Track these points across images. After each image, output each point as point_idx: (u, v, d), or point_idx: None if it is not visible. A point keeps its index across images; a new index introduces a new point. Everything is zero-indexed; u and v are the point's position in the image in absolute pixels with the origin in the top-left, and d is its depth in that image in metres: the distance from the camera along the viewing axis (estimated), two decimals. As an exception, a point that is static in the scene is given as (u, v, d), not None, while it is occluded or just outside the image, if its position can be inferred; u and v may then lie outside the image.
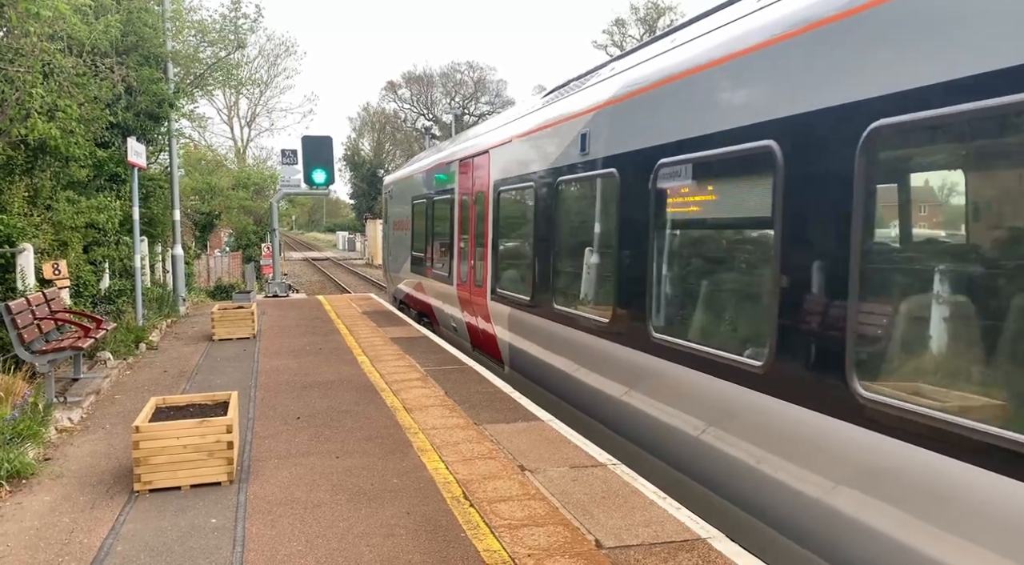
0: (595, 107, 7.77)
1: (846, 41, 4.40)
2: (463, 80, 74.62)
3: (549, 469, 6.05)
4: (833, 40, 4.51)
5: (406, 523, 5.06)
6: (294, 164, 25.07)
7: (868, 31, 4.25)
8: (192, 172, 28.98)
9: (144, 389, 9.05)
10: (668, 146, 6.23)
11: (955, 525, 3.57)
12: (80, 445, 6.95)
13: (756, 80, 5.24)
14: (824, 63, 4.59)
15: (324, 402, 8.37)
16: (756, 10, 5.44)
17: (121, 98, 13.98)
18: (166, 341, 12.88)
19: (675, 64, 6.34)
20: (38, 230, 10.82)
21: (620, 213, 7.07)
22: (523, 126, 10.12)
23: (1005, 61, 3.41)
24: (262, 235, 32.10)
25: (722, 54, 5.64)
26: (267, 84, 52.02)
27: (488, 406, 8.09)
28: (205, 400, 6.65)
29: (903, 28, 4.02)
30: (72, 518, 5.24)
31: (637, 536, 4.78)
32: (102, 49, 12.60)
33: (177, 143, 17.56)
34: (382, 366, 10.35)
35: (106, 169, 14.06)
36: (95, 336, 9.18)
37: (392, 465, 6.23)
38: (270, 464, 6.30)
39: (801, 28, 4.80)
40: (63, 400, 8.17)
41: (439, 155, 15.46)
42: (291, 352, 11.58)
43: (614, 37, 59.16)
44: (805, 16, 4.78)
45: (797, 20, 4.86)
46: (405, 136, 76.48)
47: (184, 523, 5.12)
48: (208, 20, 17.36)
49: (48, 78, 10.18)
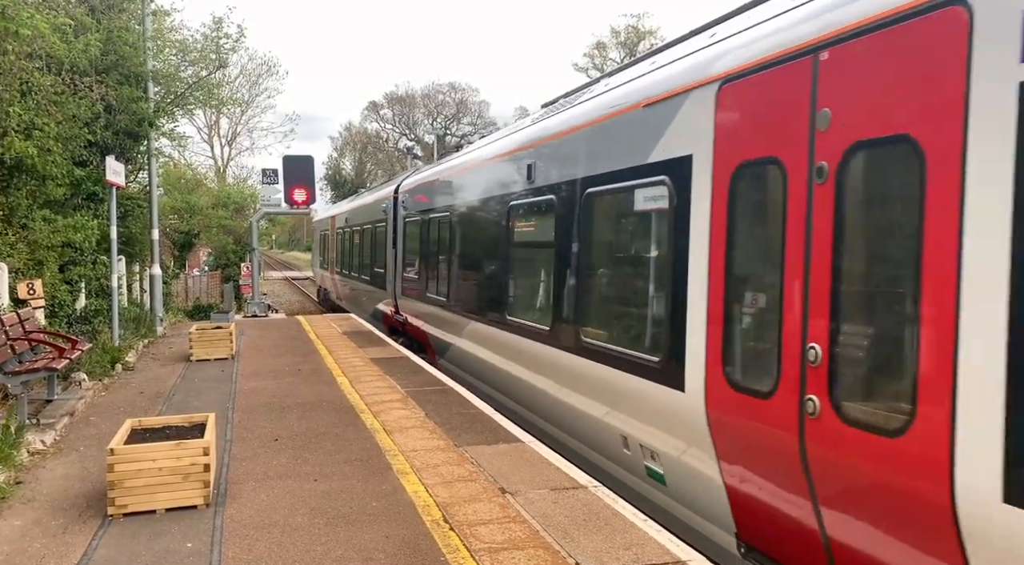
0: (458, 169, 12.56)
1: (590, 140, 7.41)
2: (445, 101, 74.98)
3: (530, 491, 6.02)
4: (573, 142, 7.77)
5: (385, 547, 5.01)
6: (275, 183, 25.02)
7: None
8: (172, 191, 28.80)
9: (120, 411, 8.92)
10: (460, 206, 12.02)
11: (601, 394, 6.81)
12: (53, 468, 6.82)
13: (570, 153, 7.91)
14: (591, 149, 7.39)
15: (303, 424, 8.29)
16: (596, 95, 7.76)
17: (100, 117, 13.91)
18: (143, 362, 12.73)
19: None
20: (13, 249, 10.70)
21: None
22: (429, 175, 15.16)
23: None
24: (242, 254, 31.88)
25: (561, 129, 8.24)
26: (248, 104, 51.90)
27: (469, 428, 8.06)
28: (182, 422, 6.56)
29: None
30: (43, 544, 5.13)
31: (618, 559, 4.76)
32: (81, 68, 12.56)
33: (157, 162, 17.46)
34: (362, 387, 10.28)
35: (84, 188, 13.95)
36: (70, 357, 9.05)
37: (371, 488, 6.18)
38: (247, 487, 6.22)
39: (574, 128, 7.73)
40: (36, 422, 8.03)
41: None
42: (270, 373, 11.47)
43: (595, 60, 59.87)
44: (583, 120, 7.57)
45: (583, 121, 7.59)
46: (387, 156, 76.59)
47: (159, 548, 5.03)
48: (190, 39, 17.34)
49: (26, 96, 10.13)
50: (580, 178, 7.40)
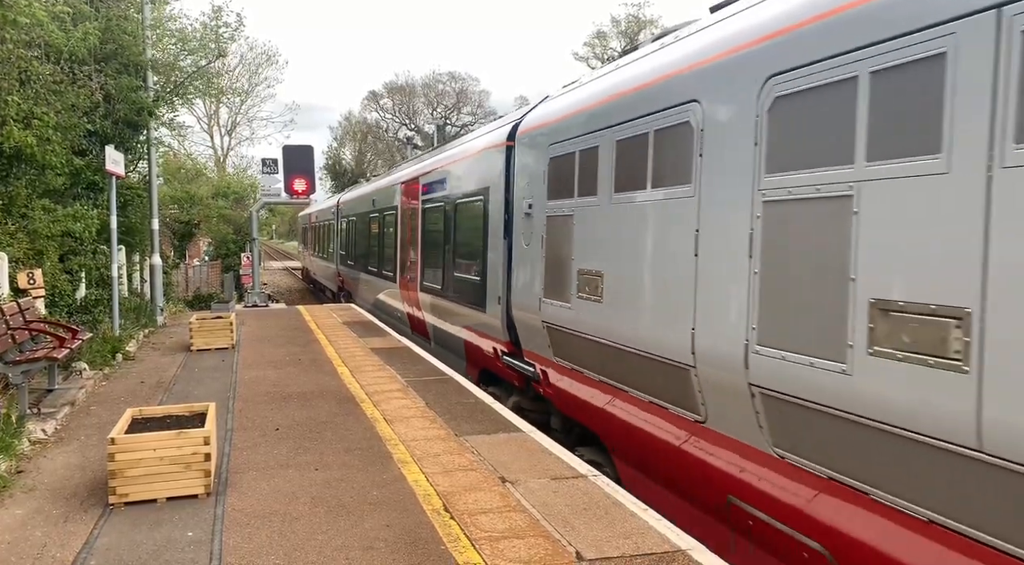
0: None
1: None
2: (445, 90, 74.66)
3: (530, 481, 6.04)
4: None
5: (386, 536, 5.02)
6: (275, 173, 24.97)
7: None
8: (171, 181, 28.75)
9: (120, 400, 8.94)
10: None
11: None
12: (54, 457, 6.83)
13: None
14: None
15: (303, 413, 8.30)
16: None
17: (99, 106, 13.86)
18: (143, 351, 12.73)
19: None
20: (13, 239, 10.68)
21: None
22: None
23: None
24: (242, 244, 31.87)
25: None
26: (248, 93, 51.75)
27: (469, 417, 8.07)
28: (182, 411, 6.57)
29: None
30: (45, 532, 5.14)
31: (618, 548, 4.78)
32: (80, 57, 12.51)
33: (156, 152, 17.42)
34: (362, 377, 10.29)
35: (83, 177, 13.92)
36: (70, 346, 9.05)
37: (372, 477, 6.19)
38: (248, 476, 6.24)
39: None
40: (37, 412, 8.05)
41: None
42: (270, 363, 11.48)
43: (595, 49, 59.59)
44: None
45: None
46: (387, 146, 76.37)
47: (160, 536, 5.05)
48: (189, 29, 17.27)
49: (24, 85, 10.09)
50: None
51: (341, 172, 75.05)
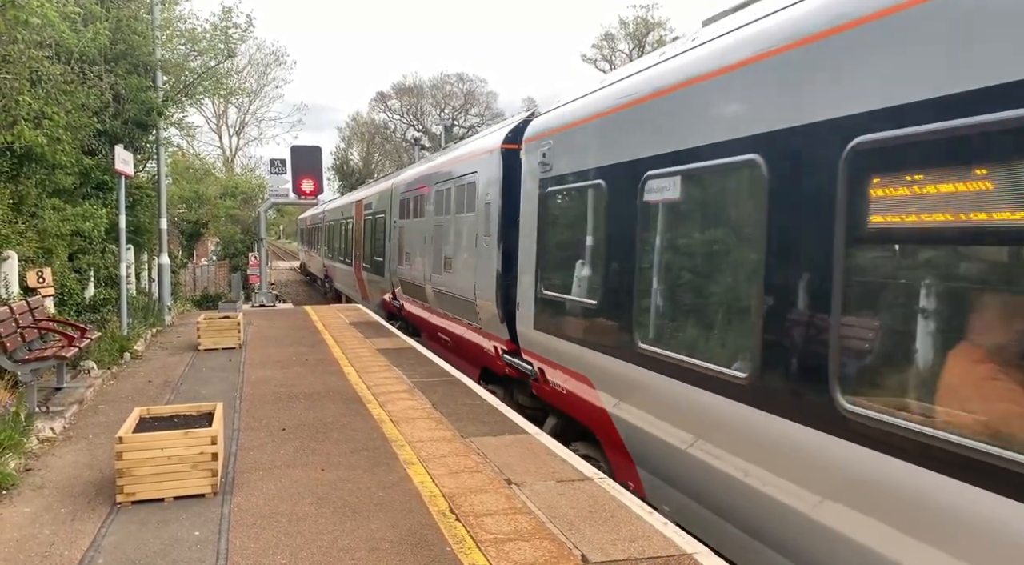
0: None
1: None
2: (453, 92, 74.74)
3: (535, 483, 6.04)
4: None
5: (391, 537, 5.03)
6: (283, 173, 25.05)
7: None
8: (180, 180, 28.87)
9: (128, 399, 8.98)
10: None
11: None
12: (62, 455, 6.87)
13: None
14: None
15: (310, 414, 8.33)
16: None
17: (109, 106, 13.94)
18: (151, 351, 12.79)
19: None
20: (23, 238, 10.74)
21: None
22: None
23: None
24: (249, 244, 31.98)
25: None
26: (256, 94, 51.95)
27: (475, 419, 8.08)
28: (190, 411, 6.60)
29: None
30: (52, 530, 5.17)
31: (623, 551, 4.77)
32: (90, 57, 12.58)
33: (165, 151, 17.50)
34: (369, 377, 10.31)
35: (93, 177, 13.99)
36: (79, 345, 9.10)
37: (378, 478, 6.20)
38: (255, 476, 6.25)
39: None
40: (45, 410, 8.09)
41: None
42: (277, 363, 11.52)
43: (603, 51, 59.55)
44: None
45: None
46: (394, 146, 76.48)
47: (167, 535, 5.07)
48: (199, 29, 17.35)
49: (35, 85, 10.15)
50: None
51: (349, 173, 75.19)
